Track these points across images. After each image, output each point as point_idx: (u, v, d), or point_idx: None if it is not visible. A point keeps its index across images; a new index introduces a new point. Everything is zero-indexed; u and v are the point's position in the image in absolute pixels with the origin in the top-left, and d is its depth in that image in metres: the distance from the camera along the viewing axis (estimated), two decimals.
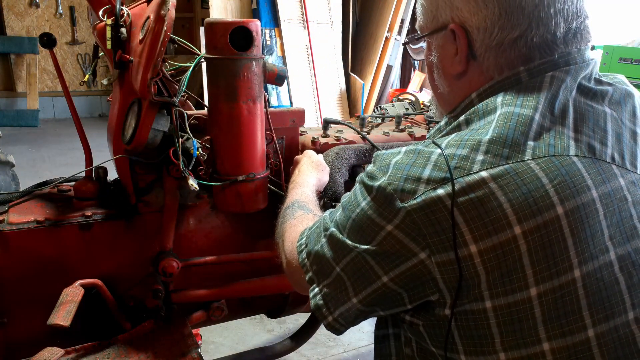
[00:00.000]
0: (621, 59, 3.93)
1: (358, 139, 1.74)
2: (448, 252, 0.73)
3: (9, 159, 1.81)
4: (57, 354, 1.22)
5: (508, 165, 0.73)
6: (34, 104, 6.70)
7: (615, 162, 0.79)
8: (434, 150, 0.77)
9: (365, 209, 0.80)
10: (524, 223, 0.71)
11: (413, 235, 0.75)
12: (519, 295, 0.72)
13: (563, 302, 0.72)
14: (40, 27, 6.79)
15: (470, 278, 0.73)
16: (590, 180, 0.74)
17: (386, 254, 0.79)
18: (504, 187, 0.72)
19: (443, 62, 0.90)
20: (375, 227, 0.79)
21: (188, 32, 6.95)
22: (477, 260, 0.72)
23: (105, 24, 1.34)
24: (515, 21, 0.80)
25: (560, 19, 0.81)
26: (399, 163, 0.79)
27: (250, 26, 1.29)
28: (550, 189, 0.72)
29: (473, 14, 0.82)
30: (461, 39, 0.84)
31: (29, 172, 4.41)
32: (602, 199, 0.74)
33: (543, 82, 0.80)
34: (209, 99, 1.36)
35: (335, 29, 5.61)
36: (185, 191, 1.51)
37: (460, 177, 0.73)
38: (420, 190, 0.74)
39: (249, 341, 2.48)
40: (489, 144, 0.74)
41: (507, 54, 0.82)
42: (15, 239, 1.32)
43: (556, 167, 0.73)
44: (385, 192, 0.77)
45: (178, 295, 1.47)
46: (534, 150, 0.74)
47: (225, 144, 1.36)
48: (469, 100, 0.87)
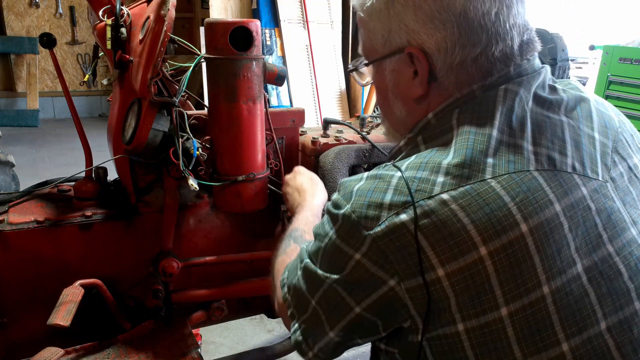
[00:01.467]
0: (621, 59, 3.93)
1: (358, 139, 1.74)
2: (416, 277, 0.73)
3: (9, 159, 1.82)
4: (57, 354, 1.22)
5: (469, 185, 0.72)
6: (34, 104, 6.70)
7: (577, 171, 0.78)
8: (394, 174, 0.77)
9: (333, 238, 0.80)
10: (489, 243, 0.70)
11: (380, 262, 0.74)
12: (490, 315, 0.71)
13: (535, 319, 0.71)
14: (40, 27, 6.78)
15: (439, 301, 0.72)
16: (552, 194, 0.74)
17: (357, 283, 0.78)
18: (465, 208, 0.71)
19: (400, 87, 0.87)
20: (344, 256, 0.78)
21: (188, 32, 6.95)
22: (446, 284, 0.71)
23: (105, 24, 1.35)
24: (475, 39, 0.79)
25: (515, 32, 0.81)
26: (361, 189, 0.78)
27: (250, 26, 1.29)
28: (513, 207, 0.71)
29: (431, 35, 0.80)
30: (422, 62, 0.82)
31: (29, 172, 4.40)
32: (566, 211, 0.74)
33: (497, 96, 0.79)
34: (209, 99, 1.36)
35: (335, 29, 5.61)
36: (185, 191, 1.51)
37: (421, 199, 0.73)
38: (384, 216, 0.74)
39: (249, 341, 2.48)
40: (448, 166, 0.74)
41: (468, 70, 0.81)
42: (15, 239, 1.32)
43: (517, 184, 0.73)
44: (350, 220, 0.77)
45: (178, 295, 1.47)
46: (494, 169, 0.74)
47: (225, 144, 1.36)
48: (426, 120, 0.86)
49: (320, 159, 1.63)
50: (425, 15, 0.79)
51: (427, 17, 0.79)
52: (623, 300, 0.75)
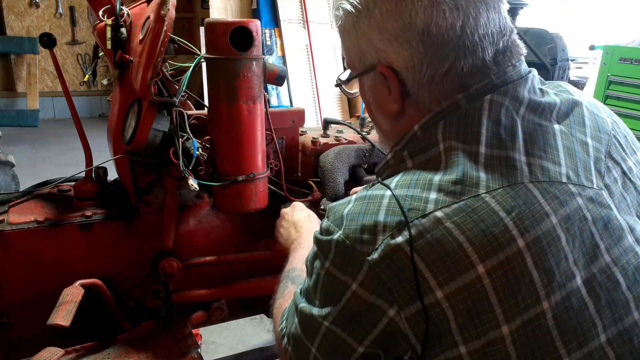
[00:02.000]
0: (621, 59, 3.93)
1: (358, 139, 1.74)
2: (415, 302, 0.70)
3: (9, 159, 1.82)
4: (57, 354, 1.22)
5: (462, 202, 0.70)
6: (34, 104, 6.70)
7: (571, 180, 0.76)
8: (385, 193, 0.74)
9: (327, 267, 0.77)
10: (486, 261, 0.68)
11: (378, 291, 0.72)
12: (491, 335, 0.69)
13: (535, 335, 0.70)
14: (40, 27, 6.78)
15: (439, 325, 0.70)
16: (548, 207, 0.72)
17: (355, 319, 0.75)
18: (460, 225, 0.69)
19: (378, 102, 0.87)
20: (340, 286, 0.75)
21: (188, 32, 6.95)
22: (445, 305, 0.69)
23: (105, 24, 1.35)
24: (442, 55, 0.77)
25: (487, 43, 0.78)
26: (352, 213, 0.75)
27: (250, 26, 1.29)
28: (509, 222, 0.69)
29: (398, 54, 0.79)
30: (392, 80, 0.82)
31: (29, 172, 4.41)
32: (562, 223, 0.72)
33: (482, 109, 0.78)
34: (209, 99, 1.36)
35: (335, 29, 5.60)
36: (185, 191, 1.51)
37: (415, 218, 0.70)
38: (379, 239, 0.71)
39: (249, 341, 2.48)
40: (440, 182, 0.72)
41: (440, 87, 0.80)
42: (15, 239, 1.32)
43: (512, 197, 0.71)
44: (344, 247, 0.74)
45: (178, 295, 1.47)
46: (488, 183, 0.72)
47: (225, 144, 1.36)
48: (412, 132, 0.84)
49: (320, 159, 1.63)
50: (389, 34, 0.79)
51: (392, 37, 0.79)
52: (622, 311, 0.73)
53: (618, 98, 3.89)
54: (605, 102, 3.90)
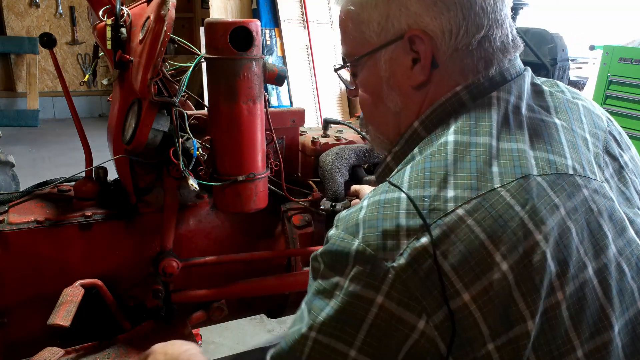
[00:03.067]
0: (621, 59, 3.93)
1: (358, 139, 1.74)
2: (442, 307, 0.67)
3: (9, 159, 1.82)
4: (57, 354, 1.22)
5: (480, 197, 0.69)
6: (34, 104, 6.70)
7: (577, 172, 0.76)
8: (400, 196, 0.71)
9: (346, 284, 0.69)
10: (508, 257, 0.67)
11: (405, 301, 0.67)
12: (518, 329, 0.68)
13: (550, 326, 0.70)
14: (40, 27, 6.78)
15: (469, 330, 0.67)
16: (557, 199, 0.72)
17: (384, 339, 0.68)
18: (481, 222, 0.68)
19: (397, 77, 0.84)
20: (364, 304, 0.68)
21: (188, 32, 6.94)
22: (473, 308, 0.67)
23: (106, 24, 1.35)
24: (479, 22, 0.78)
25: (507, 23, 0.81)
26: (369, 220, 0.70)
27: (250, 26, 1.29)
28: (524, 215, 0.69)
29: (434, 18, 0.78)
30: (426, 45, 0.79)
31: (29, 172, 4.40)
32: (571, 215, 0.72)
33: (491, 104, 0.78)
34: (209, 99, 1.36)
35: (335, 29, 5.60)
36: (185, 191, 1.51)
37: (438, 219, 0.68)
38: (404, 244, 0.67)
39: (249, 341, 2.48)
40: (455, 179, 0.71)
41: (470, 57, 0.79)
42: (15, 239, 1.32)
43: (525, 190, 0.71)
44: (365, 256, 0.68)
45: (178, 295, 1.47)
46: (501, 177, 0.71)
47: (225, 144, 1.36)
48: (412, 130, 0.83)
49: (320, 159, 1.63)
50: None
51: (430, 0, 0.78)
52: (629, 301, 0.74)
53: (618, 98, 3.89)
54: (605, 102, 3.90)
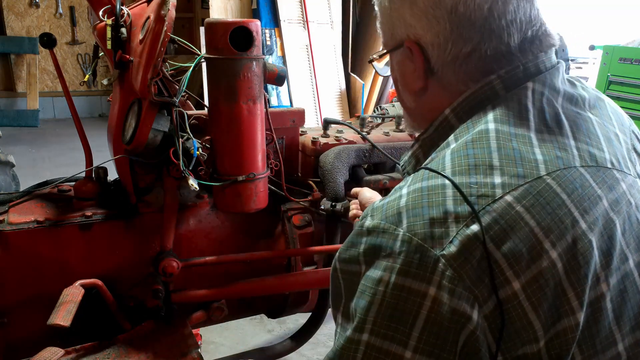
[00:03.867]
0: (621, 59, 3.93)
1: (358, 139, 1.74)
2: (492, 296, 0.64)
3: (9, 159, 1.81)
4: (57, 354, 1.22)
5: (527, 184, 0.68)
6: (34, 104, 6.70)
7: (615, 166, 0.77)
8: (445, 183, 0.69)
9: (391, 278, 0.65)
10: (557, 245, 0.66)
11: (459, 290, 0.63)
12: (566, 322, 0.67)
13: (595, 319, 0.69)
14: (40, 27, 6.79)
15: (518, 320, 0.65)
16: (599, 190, 0.72)
17: (440, 335, 0.64)
18: (530, 209, 0.66)
19: (404, 79, 0.89)
20: (415, 298, 0.64)
21: (188, 32, 6.95)
22: (522, 297, 0.64)
23: (106, 24, 1.35)
24: (467, 35, 0.78)
25: (513, 29, 0.79)
26: (413, 208, 0.68)
27: (251, 26, 1.29)
28: (570, 204, 0.68)
29: (426, 30, 0.81)
30: (417, 56, 0.83)
31: (29, 172, 4.40)
32: (613, 207, 0.73)
33: (526, 96, 0.78)
34: (209, 99, 1.36)
35: (335, 29, 5.61)
36: (185, 191, 1.51)
37: (486, 205, 0.66)
38: (453, 230, 0.65)
39: (249, 341, 2.48)
40: (500, 166, 0.69)
41: (464, 68, 0.80)
42: (15, 239, 1.32)
43: (569, 180, 0.70)
44: (413, 246, 0.65)
45: (178, 295, 1.47)
46: (546, 165, 0.70)
47: (225, 144, 1.36)
48: (443, 117, 0.83)
49: (320, 159, 1.63)
50: (419, 10, 0.80)
51: (421, 12, 0.80)
52: None
53: (618, 98, 3.90)
54: None
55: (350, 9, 5.74)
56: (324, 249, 1.60)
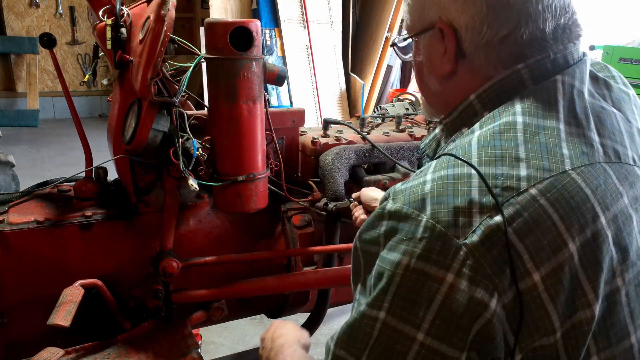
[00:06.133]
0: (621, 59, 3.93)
1: (358, 139, 1.74)
2: (512, 287, 0.66)
3: (9, 159, 1.81)
4: (57, 354, 1.22)
5: (552, 178, 0.69)
6: (34, 104, 6.70)
7: (636, 163, 0.78)
8: (471, 172, 0.69)
9: (410, 262, 0.66)
10: (576, 239, 0.67)
11: (478, 279, 0.64)
12: (582, 314, 0.68)
13: (610, 312, 0.70)
14: (40, 27, 6.79)
15: (536, 311, 0.66)
16: (621, 187, 0.73)
17: (454, 320, 0.65)
18: (554, 203, 0.67)
19: (432, 62, 0.87)
20: (432, 282, 0.65)
21: (188, 32, 6.95)
22: (541, 288, 0.66)
23: (106, 24, 1.35)
24: (504, 19, 0.77)
25: (549, 15, 0.78)
26: (438, 195, 0.68)
27: (250, 26, 1.29)
28: (594, 199, 0.69)
29: (461, 12, 0.79)
30: (449, 38, 0.81)
31: (29, 172, 4.41)
32: (632, 203, 0.74)
33: (557, 89, 0.77)
34: (209, 99, 1.36)
35: (335, 29, 5.61)
36: (185, 191, 1.51)
37: (511, 197, 0.66)
38: (476, 221, 0.65)
39: (249, 341, 2.48)
40: (527, 158, 0.70)
41: (497, 52, 0.79)
42: (15, 239, 1.32)
43: (594, 176, 0.71)
44: (436, 233, 0.66)
45: (178, 295, 1.47)
46: (571, 160, 0.71)
47: (225, 144, 1.36)
48: (467, 102, 0.83)
49: (320, 159, 1.63)
50: None
51: None
52: None
53: None
54: None
55: (350, 9, 5.75)
56: (324, 249, 1.60)
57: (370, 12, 5.88)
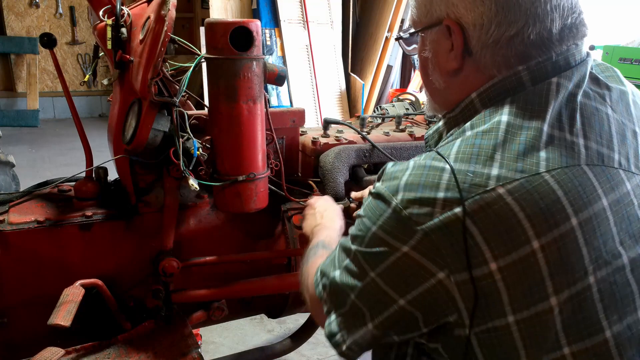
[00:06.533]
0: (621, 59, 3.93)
1: (358, 139, 1.74)
2: (466, 271, 0.73)
3: (9, 159, 1.81)
4: (57, 354, 1.22)
5: (524, 179, 0.72)
6: (34, 104, 6.70)
7: (622, 166, 0.79)
8: (445, 167, 0.75)
9: (376, 230, 0.79)
10: (542, 237, 0.71)
11: (431, 255, 0.74)
12: (540, 306, 0.73)
13: (580, 307, 0.74)
14: (40, 27, 6.78)
15: (490, 295, 0.73)
16: (600, 190, 0.75)
17: (401, 276, 0.77)
18: (521, 202, 0.71)
19: (438, 58, 0.88)
20: (389, 249, 0.77)
21: (188, 33, 6.95)
22: (498, 277, 0.72)
23: (106, 24, 1.35)
24: (512, 18, 0.78)
25: (556, 14, 0.79)
26: (410, 183, 0.76)
27: (251, 26, 1.29)
28: (565, 201, 0.72)
29: (469, 10, 0.80)
30: (457, 36, 0.82)
31: (29, 172, 4.41)
32: (612, 206, 0.75)
33: (550, 91, 0.79)
34: (209, 99, 1.36)
35: (335, 29, 5.61)
36: (185, 191, 1.51)
37: (477, 194, 0.72)
38: (437, 212, 0.73)
39: (249, 341, 2.48)
40: (501, 158, 0.74)
41: (503, 51, 0.80)
42: (16, 239, 1.32)
43: (569, 178, 0.73)
44: (400, 216, 0.75)
45: (178, 295, 1.47)
46: (547, 162, 0.74)
47: (225, 144, 1.36)
48: (469, 100, 0.85)
49: (321, 159, 1.63)
50: None
51: None
52: None
53: None
54: None
55: (350, 9, 5.74)
56: None
57: (370, 12, 5.88)
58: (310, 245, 1.18)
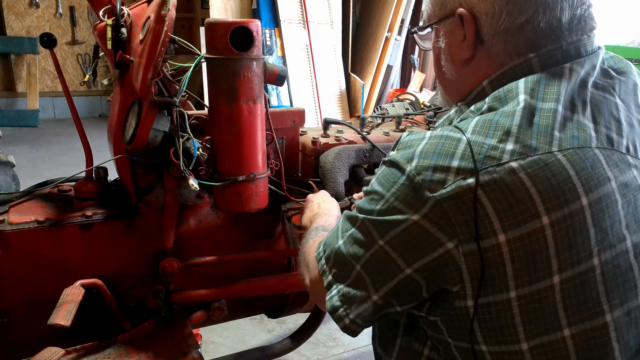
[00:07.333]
0: None
1: (358, 139, 1.74)
2: (474, 241, 0.74)
3: (9, 159, 1.81)
4: (57, 354, 1.22)
5: (537, 156, 0.74)
6: (34, 104, 6.70)
7: (630, 152, 0.81)
8: (462, 137, 0.77)
9: (390, 198, 0.80)
10: (551, 214, 0.73)
11: (441, 224, 0.75)
12: (542, 283, 0.74)
13: (582, 288, 0.75)
14: (40, 27, 6.78)
15: (495, 267, 0.74)
16: (610, 172, 0.77)
17: (411, 244, 0.78)
18: (533, 177, 0.73)
19: (451, 48, 0.91)
20: (400, 216, 0.78)
21: (188, 33, 6.95)
22: (505, 250, 0.73)
23: (106, 24, 1.35)
24: (523, 6, 0.81)
25: (566, 4, 0.82)
26: (425, 152, 0.78)
27: (251, 26, 1.29)
28: (577, 180, 0.74)
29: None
30: (469, 25, 0.85)
31: (29, 172, 4.41)
32: (620, 189, 0.77)
33: (563, 74, 0.81)
34: (209, 99, 1.36)
35: (335, 29, 5.61)
36: (185, 191, 1.51)
37: (490, 166, 0.73)
38: (450, 180, 0.74)
39: (249, 341, 2.48)
40: (517, 135, 0.75)
41: (514, 39, 0.83)
42: (16, 239, 1.32)
43: (581, 159, 0.75)
44: (413, 183, 0.77)
45: (178, 295, 1.47)
46: (561, 142, 0.75)
47: (225, 144, 1.36)
48: (481, 88, 0.88)
49: (321, 159, 1.63)
50: None
51: None
52: None
53: None
54: None
55: (350, 9, 5.74)
56: None
57: (370, 12, 5.88)
58: (310, 229, 1.19)
